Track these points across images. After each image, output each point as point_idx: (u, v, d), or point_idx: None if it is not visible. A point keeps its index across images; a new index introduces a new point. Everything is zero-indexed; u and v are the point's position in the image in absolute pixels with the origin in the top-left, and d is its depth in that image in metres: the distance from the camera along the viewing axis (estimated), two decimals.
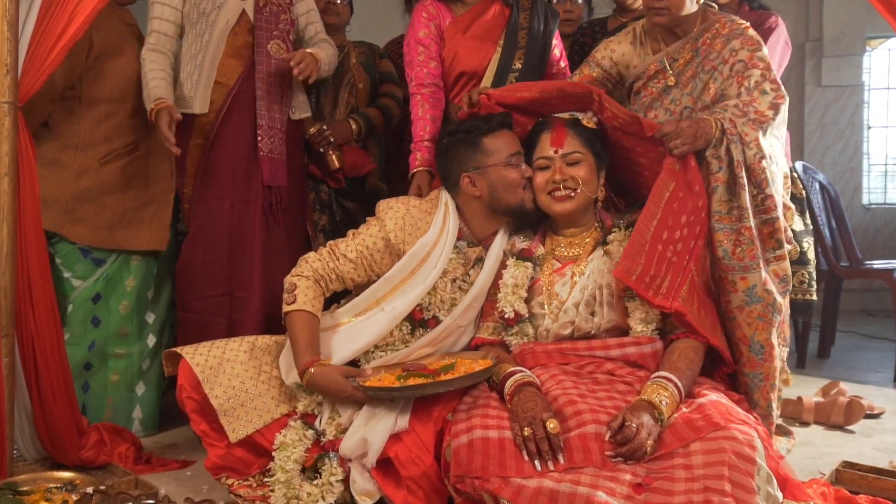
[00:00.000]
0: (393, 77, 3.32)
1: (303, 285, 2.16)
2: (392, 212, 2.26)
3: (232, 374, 2.11)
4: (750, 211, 2.13)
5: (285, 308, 2.15)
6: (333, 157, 2.98)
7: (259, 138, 2.68)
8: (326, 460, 2.04)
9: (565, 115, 2.25)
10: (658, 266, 2.04)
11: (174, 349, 2.19)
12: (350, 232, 2.29)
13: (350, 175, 3.07)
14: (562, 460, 1.78)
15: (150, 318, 2.81)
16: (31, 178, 2.10)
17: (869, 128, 6.10)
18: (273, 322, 2.51)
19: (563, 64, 2.85)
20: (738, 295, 2.15)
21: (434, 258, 2.21)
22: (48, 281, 2.18)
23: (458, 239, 2.27)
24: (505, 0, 2.71)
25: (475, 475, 1.80)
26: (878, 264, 4.20)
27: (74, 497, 1.87)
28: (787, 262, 2.20)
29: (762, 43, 2.32)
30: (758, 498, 1.68)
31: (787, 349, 2.33)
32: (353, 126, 3.06)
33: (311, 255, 2.25)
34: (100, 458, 2.31)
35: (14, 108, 2.05)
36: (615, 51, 2.48)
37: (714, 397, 1.93)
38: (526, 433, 1.81)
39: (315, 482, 2.03)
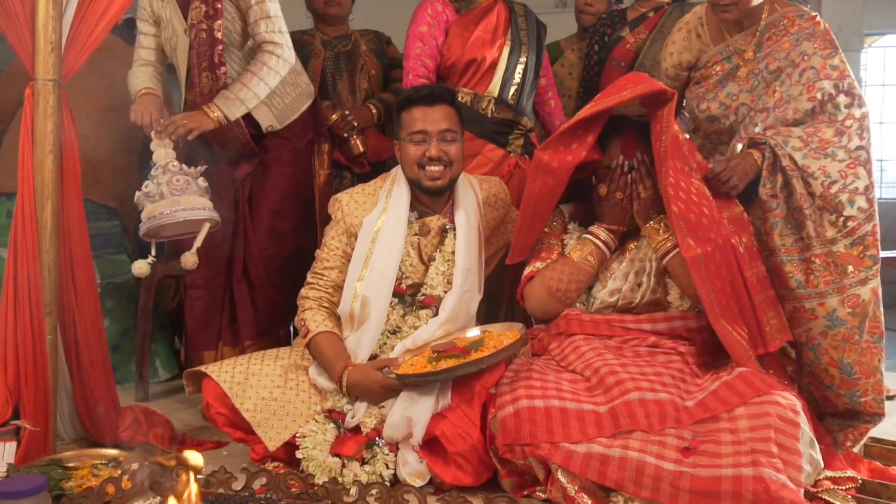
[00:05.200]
0: (402, 62, 3.35)
1: (309, 316, 2.23)
2: (337, 203, 2.31)
3: (259, 387, 2.14)
4: (817, 239, 2.08)
5: (304, 342, 2.22)
6: (357, 141, 3.01)
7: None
8: (376, 448, 2.04)
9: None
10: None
11: (198, 368, 2.23)
12: (317, 252, 2.34)
13: (372, 160, 3.09)
14: None
15: None
16: (72, 156, 2.10)
17: None
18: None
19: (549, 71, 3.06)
20: (819, 321, 2.10)
21: (388, 233, 2.21)
22: (89, 259, 2.18)
23: (411, 210, 2.29)
24: (507, 2, 2.85)
25: (524, 442, 1.84)
26: (885, 254, 4.22)
27: (125, 471, 1.87)
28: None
29: (836, 46, 2.20)
30: (802, 461, 1.72)
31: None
32: (374, 111, 3.09)
33: (303, 290, 2.30)
34: (136, 438, 2.31)
35: (58, 87, 2.05)
36: (674, 54, 2.41)
37: (753, 370, 1.96)
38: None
39: (364, 467, 2.03)
